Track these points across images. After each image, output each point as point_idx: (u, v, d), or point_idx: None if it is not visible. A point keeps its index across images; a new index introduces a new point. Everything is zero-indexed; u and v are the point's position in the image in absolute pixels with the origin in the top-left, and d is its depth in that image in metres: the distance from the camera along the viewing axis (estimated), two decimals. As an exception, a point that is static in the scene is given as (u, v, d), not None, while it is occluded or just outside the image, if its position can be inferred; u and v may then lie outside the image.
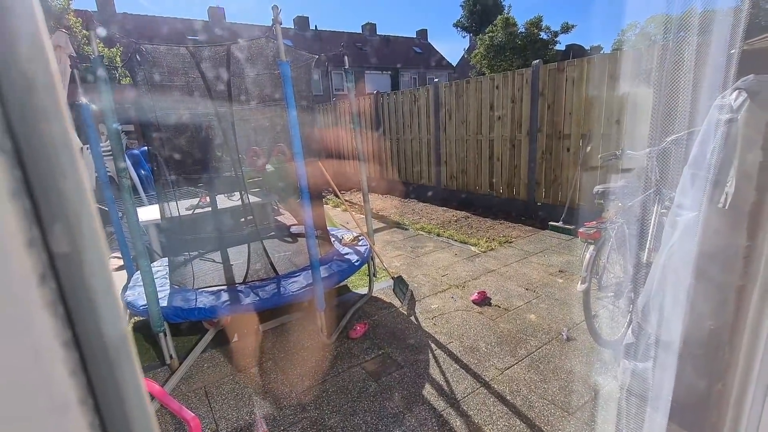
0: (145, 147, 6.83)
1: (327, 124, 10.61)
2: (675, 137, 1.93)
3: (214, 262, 3.46)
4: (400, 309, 3.28)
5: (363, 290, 3.63)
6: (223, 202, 4.42)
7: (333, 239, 3.65)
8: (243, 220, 4.38)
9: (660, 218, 2.30)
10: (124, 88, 7.14)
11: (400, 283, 3.46)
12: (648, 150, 2.06)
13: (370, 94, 8.71)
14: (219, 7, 25.75)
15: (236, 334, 2.91)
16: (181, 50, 2.89)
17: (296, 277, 2.95)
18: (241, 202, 3.65)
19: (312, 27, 28.66)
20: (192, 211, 4.00)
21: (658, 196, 2.34)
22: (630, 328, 2.33)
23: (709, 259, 1.60)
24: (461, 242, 4.89)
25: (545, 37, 21.45)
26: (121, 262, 3.38)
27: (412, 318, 3.12)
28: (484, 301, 3.30)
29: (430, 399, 2.22)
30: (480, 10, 26.92)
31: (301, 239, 3.84)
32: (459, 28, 29.99)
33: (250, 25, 25.79)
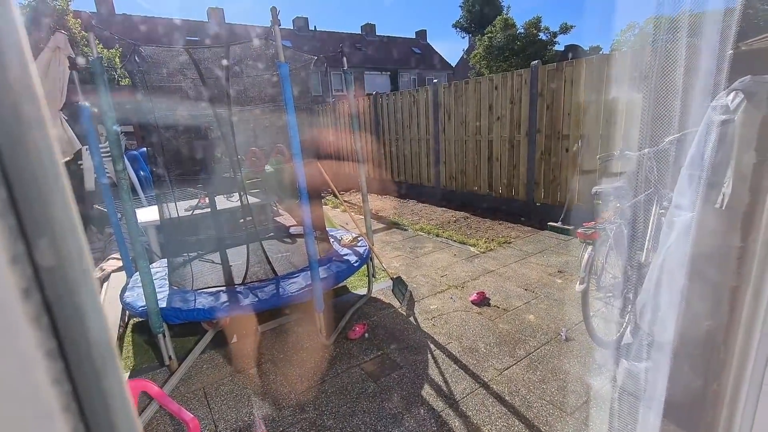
0: (144, 148, 6.84)
1: (326, 125, 10.61)
2: (673, 138, 1.93)
3: (213, 263, 3.46)
4: (399, 310, 3.28)
5: (362, 291, 3.63)
6: (222, 203, 4.43)
7: (332, 240, 3.65)
8: (242, 221, 4.38)
9: (658, 219, 2.30)
10: (123, 89, 7.14)
11: (399, 284, 3.46)
12: (646, 150, 2.06)
13: (369, 94, 8.71)
14: (218, 8, 25.82)
15: (235, 335, 2.91)
16: (180, 51, 2.89)
17: (295, 277, 2.95)
18: (240, 203, 3.66)
19: (311, 28, 28.68)
20: (191, 212, 4.00)
21: (656, 197, 2.34)
22: (628, 328, 2.33)
23: (707, 260, 1.60)
24: (460, 243, 4.89)
25: (544, 38, 21.48)
26: (121, 263, 3.38)
27: (411, 318, 3.13)
28: (483, 301, 3.30)
29: (429, 399, 2.22)
30: (479, 11, 26.94)
31: (300, 240, 3.84)
32: (458, 29, 30.05)
33: (249, 26, 25.81)
